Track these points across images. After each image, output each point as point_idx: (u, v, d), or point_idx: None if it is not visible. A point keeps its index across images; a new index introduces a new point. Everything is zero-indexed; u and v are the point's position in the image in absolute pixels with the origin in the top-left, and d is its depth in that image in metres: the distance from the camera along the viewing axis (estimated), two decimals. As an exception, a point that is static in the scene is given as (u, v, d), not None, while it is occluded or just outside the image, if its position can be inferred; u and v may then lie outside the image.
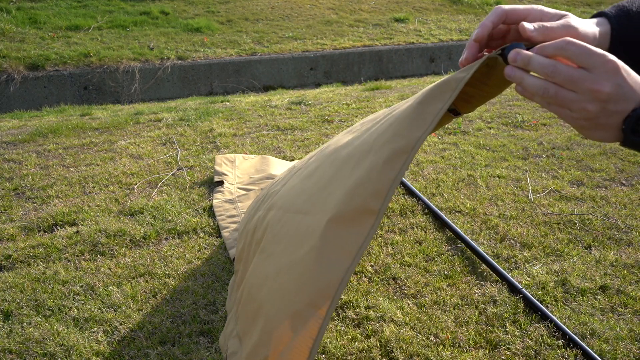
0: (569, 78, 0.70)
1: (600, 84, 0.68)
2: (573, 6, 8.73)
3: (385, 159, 0.91)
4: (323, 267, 0.93)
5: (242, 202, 2.23)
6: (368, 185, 0.92)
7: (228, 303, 1.54)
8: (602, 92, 0.68)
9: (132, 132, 3.32)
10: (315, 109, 3.78)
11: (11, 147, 3.07)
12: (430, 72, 6.65)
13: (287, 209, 1.18)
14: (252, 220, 1.45)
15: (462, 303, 1.63)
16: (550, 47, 0.72)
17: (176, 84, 5.49)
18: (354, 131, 1.21)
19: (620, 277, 1.73)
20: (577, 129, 0.74)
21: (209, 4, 7.14)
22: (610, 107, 0.69)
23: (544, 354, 1.41)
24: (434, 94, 0.89)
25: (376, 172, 0.92)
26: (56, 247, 1.95)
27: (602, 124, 0.71)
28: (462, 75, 0.84)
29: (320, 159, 1.22)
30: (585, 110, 0.70)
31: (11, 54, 5.12)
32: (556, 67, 0.70)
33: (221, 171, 2.55)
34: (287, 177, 1.45)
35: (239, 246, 1.53)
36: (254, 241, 1.34)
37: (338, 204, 0.96)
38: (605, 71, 0.68)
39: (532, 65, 0.73)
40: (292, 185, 1.28)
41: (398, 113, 0.98)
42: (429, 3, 8.20)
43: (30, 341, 1.48)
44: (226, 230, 2.03)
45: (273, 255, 1.12)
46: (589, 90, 0.69)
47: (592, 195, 2.32)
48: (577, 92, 0.70)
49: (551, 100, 0.72)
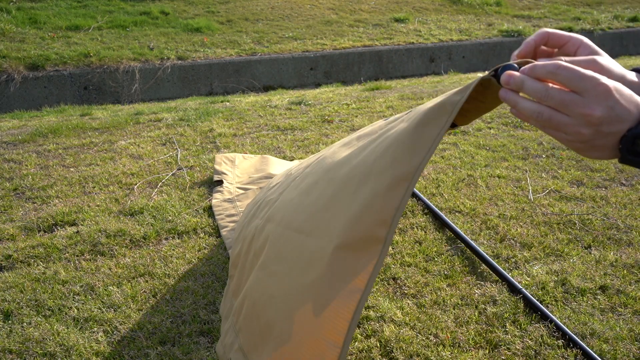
0: (561, 102, 0.70)
1: (591, 108, 0.68)
2: (573, 6, 8.73)
3: (387, 186, 0.92)
4: (335, 296, 0.94)
5: (241, 202, 2.23)
6: (372, 213, 0.93)
7: (223, 307, 1.54)
8: (593, 116, 0.68)
9: (132, 132, 3.32)
10: (315, 109, 3.78)
11: (11, 147, 3.07)
12: (430, 72, 6.66)
13: (287, 225, 1.18)
14: (249, 227, 1.44)
15: (462, 303, 1.63)
16: (542, 69, 0.72)
17: (176, 84, 5.49)
18: (351, 145, 1.21)
19: (620, 277, 1.73)
20: (574, 150, 0.75)
21: (209, 4, 7.14)
22: (604, 129, 0.69)
23: (544, 354, 1.41)
24: (430, 117, 0.89)
25: (379, 199, 0.93)
26: (56, 247, 1.95)
27: (598, 145, 0.71)
28: (457, 99, 0.85)
29: (318, 173, 1.22)
30: (580, 133, 0.70)
31: (11, 54, 5.12)
32: (548, 91, 0.71)
33: (221, 170, 2.55)
34: (283, 185, 1.44)
35: (235, 250, 1.52)
36: (251, 251, 1.33)
37: (344, 231, 0.97)
38: (596, 95, 0.68)
39: (525, 89, 0.73)
40: (289, 199, 1.28)
41: (395, 133, 0.99)
42: (429, 3, 8.20)
43: (30, 341, 1.48)
44: (225, 230, 2.03)
45: (277, 275, 1.12)
46: (581, 114, 0.69)
47: (592, 195, 2.32)
48: (570, 116, 0.70)
49: (545, 123, 0.73)
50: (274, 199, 1.40)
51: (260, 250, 1.26)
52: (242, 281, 1.35)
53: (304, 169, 1.39)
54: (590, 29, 7.62)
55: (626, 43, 7.96)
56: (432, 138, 0.88)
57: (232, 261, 1.53)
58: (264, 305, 1.12)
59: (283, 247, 1.14)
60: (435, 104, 0.90)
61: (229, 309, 1.41)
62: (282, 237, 1.17)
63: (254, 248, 1.32)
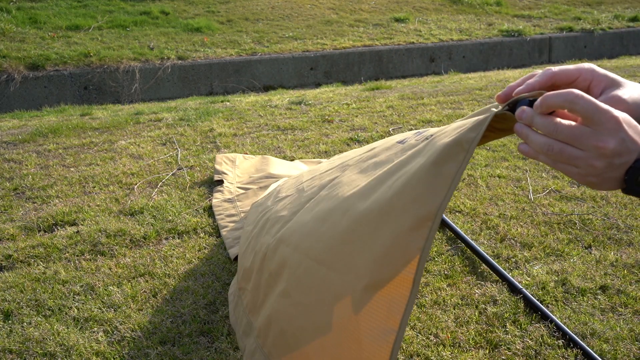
0: (572, 136, 0.70)
1: (605, 140, 0.68)
2: (574, 6, 8.73)
3: (410, 227, 0.93)
4: (370, 337, 0.96)
5: (241, 201, 2.23)
6: (398, 254, 0.94)
7: (234, 318, 1.52)
8: (607, 148, 0.68)
9: (132, 132, 3.32)
10: (316, 109, 3.78)
11: (11, 147, 3.07)
12: (430, 72, 6.65)
13: (306, 253, 1.18)
14: (260, 241, 1.43)
15: (462, 303, 1.63)
16: (557, 98, 0.71)
17: (176, 84, 5.49)
18: (367, 172, 1.18)
19: (620, 277, 1.73)
20: (586, 185, 0.75)
21: (209, 3, 7.14)
22: (615, 161, 0.69)
23: (544, 354, 1.41)
24: (447, 155, 0.90)
25: (404, 239, 0.93)
26: (56, 247, 1.95)
27: (608, 177, 0.71)
28: (473, 136, 0.86)
29: (332, 200, 1.20)
30: (592, 166, 0.70)
31: (11, 54, 5.12)
32: (556, 126, 0.71)
33: (221, 170, 2.55)
34: (295, 203, 1.41)
35: (246, 262, 1.50)
36: (264, 270, 1.32)
37: (371, 270, 0.98)
38: (609, 127, 0.68)
39: (535, 124, 0.74)
40: (303, 222, 1.27)
41: (412, 169, 0.99)
42: (429, 3, 8.20)
43: (30, 341, 1.48)
44: (225, 230, 2.03)
45: (302, 306, 1.13)
46: (594, 147, 0.69)
47: (592, 195, 2.32)
48: (583, 149, 0.70)
49: (556, 157, 0.72)
50: (286, 217, 1.39)
51: (276, 273, 1.26)
52: (258, 300, 1.35)
53: (319, 189, 1.37)
54: (590, 28, 7.61)
55: (626, 43, 7.95)
56: (451, 176, 0.88)
57: (243, 273, 1.51)
58: (295, 336, 1.13)
59: (305, 278, 1.15)
60: (451, 140, 0.90)
61: (246, 325, 1.40)
62: (301, 266, 1.17)
63: (267, 267, 1.31)
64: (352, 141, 3.05)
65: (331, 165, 1.51)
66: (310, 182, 1.49)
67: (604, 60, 6.36)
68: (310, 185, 1.47)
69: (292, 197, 1.49)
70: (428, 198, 0.91)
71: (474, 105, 3.76)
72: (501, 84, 4.47)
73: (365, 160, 1.29)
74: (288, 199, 1.51)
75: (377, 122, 3.43)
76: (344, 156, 1.55)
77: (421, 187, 0.93)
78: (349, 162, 1.39)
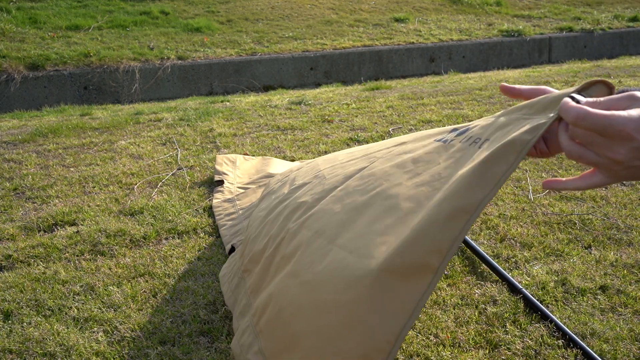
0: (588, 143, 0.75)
1: (616, 151, 0.72)
2: (573, 6, 8.73)
3: (446, 216, 0.90)
4: (377, 320, 0.92)
5: (241, 200, 2.23)
6: (427, 241, 0.90)
7: (232, 299, 1.50)
8: (618, 158, 0.73)
9: (132, 132, 3.32)
10: (316, 109, 3.78)
11: (11, 147, 3.07)
12: (430, 72, 6.65)
13: (331, 240, 1.13)
14: (277, 226, 1.38)
15: (462, 303, 1.63)
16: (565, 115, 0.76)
17: (176, 84, 5.49)
18: (407, 169, 1.15)
19: (620, 277, 1.73)
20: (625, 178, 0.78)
21: (209, 3, 7.14)
22: (635, 163, 0.73)
23: (544, 354, 1.41)
24: (498, 155, 0.89)
25: (436, 227, 0.90)
26: (56, 247, 1.95)
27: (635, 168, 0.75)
28: (528, 138, 0.84)
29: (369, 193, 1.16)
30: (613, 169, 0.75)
31: (11, 54, 5.12)
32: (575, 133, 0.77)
33: (222, 170, 2.55)
34: (317, 189, 1.37)
35: (256, 247, 1.45)
36: (278, 253, 1.28)
37: (393, 254, 0.94)
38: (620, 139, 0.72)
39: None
40: (333, 211, 1.22)
41: (460, 173, 0.97)
42: (429, 3, 8.20)
43: (30, 341, 1.48)
44: (224, 228, 2.03)
45: (309, 285, 1.09)
46: (607, 157, 0.74)
47: (592, 195, 2.32)
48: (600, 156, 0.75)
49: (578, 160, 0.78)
50: (308, 204, 1.33)
51: (290, 256, 1.22)
52: (264, 282, 1.31)
53: (344, 178, 1.31)
54: (590, 28, 7.61)
55: (626, 43, 7.95)
56: (499, 175, 0.87)
57: (251, 257, 1.46)
58: (292, 315, 1.09)
59: (319, 258, 1.11)
60: (503, 143, 0.89)
61: (244, 305, 1.38)
62: (320, 249, 1.13)
63: (282, 251, 1.27)
64: (352, 141, 3.05)
65: (352, 156, 1.47)
66: (331, 170, 1.45)
67: (604, 60, 6.36)
68: (331, 173, 1.42)
69: (312, 184, 1.44)
70: (470, 192, 0.89)
71: (474, 105, 3.76)
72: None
73: (398, 154, 1.25)
74: (307, 186, 1.45)
75: (377, 122, 3.43)
76: (364, 149, 1.50)
77: (466, 182, 0.91)
78: (375, 154, 1.35)
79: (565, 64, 6.17)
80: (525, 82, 4.49)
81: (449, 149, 1.09)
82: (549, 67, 5.93)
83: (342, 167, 1.41)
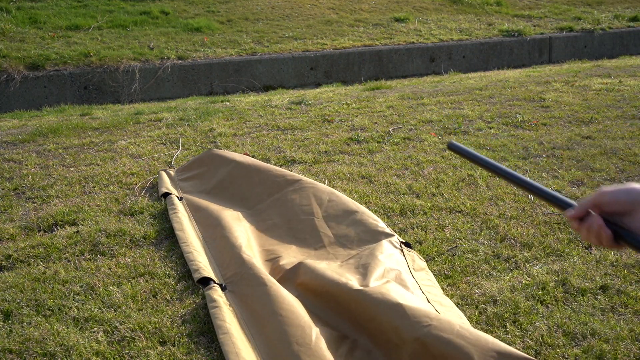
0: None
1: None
2: (574, 6, 8.72)
3: None
4: None
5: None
6: None
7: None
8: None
9: (132, 131, 3.32)
10: (316, 109, 3.78)
11: (11, 147, 3.06)
12: (430, 71, 6.65)
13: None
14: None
15: (462, 303, 1.63)
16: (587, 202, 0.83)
17: (176, 84, 5.49)
18: None
19: (620, 277, 1.73)
20: None
21: (209, 3, 7.13)
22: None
23: (544, 354, 1.41)
24: None
25: None
26: (56, 247, 1.95)
27: None
28: None
29: None
30: None
31: (11, 54, 5.12)
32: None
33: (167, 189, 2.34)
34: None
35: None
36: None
37: None
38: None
39: None
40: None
41: None
42: (429, 3, 8.20)
43: (30, 341, 1.48)
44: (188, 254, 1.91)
45: None
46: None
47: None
48: None
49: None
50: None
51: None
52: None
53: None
54: (590, 28, 7.61)
55: (626, 43, 7.95)
56: None
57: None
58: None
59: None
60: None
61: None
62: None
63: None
64: (352, 141, 3.05)
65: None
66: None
67: (604, 60, 6.36)
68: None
69: None
70: None
71: (474, 105, 3.76)
72: (501, 83, 4.47)
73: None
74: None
75: (377, 122, 3.43)
76: None
77: None
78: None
79: (565, 64, 6.17)
80: (525, 82, 4.49)
81: None
82: (549, 67, 5.93)
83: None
